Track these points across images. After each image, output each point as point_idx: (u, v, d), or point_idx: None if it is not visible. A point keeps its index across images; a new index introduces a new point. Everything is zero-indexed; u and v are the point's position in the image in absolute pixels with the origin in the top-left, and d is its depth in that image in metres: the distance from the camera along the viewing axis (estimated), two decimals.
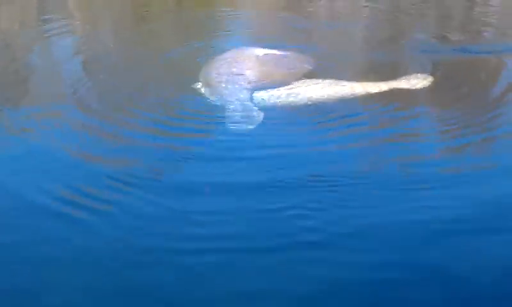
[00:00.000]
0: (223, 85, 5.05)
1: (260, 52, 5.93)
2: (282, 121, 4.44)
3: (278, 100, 4.76)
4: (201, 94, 4.99)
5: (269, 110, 4.54)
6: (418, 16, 8.91)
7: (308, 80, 5.04)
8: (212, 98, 4.88)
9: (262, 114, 4.40)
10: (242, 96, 4.80)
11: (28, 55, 7.13)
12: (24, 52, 7.28)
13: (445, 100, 4.93)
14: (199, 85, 5.16)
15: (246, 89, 4.97)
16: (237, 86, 5.01)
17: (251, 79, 5.21)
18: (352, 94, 4.76)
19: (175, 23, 9.55)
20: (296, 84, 4.99)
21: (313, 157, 3.82)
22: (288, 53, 5.94)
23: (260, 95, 4.85)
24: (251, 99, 4.76)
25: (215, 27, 8.64)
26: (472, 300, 2.67)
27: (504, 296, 2.69)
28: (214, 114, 4.59)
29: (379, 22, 8.74)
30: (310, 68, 5.61)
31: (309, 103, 4.69)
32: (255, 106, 4.59)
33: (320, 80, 5.00)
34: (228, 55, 5.97)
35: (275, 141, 4.11)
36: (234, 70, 5.42)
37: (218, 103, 4.75)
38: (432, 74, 5.41)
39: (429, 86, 5.16)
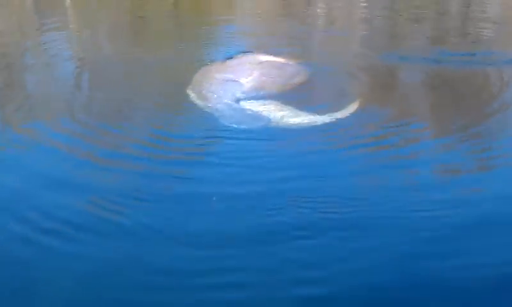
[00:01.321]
0: (217, 95, 4.95)
1: (263, 58, 5.83)
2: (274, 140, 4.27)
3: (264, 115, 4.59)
4: (194, 104, 4.88)
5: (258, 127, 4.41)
6: (413, 23, 8.89)
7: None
8: (204, 107, 4.78)
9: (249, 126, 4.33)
10: (230, 105, 4.71)
11: (18, 60, 7.07)
12: (16, 56, 7.23)
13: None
14: (193, 95, 5.05)
15: (237, 99, 4.87)
16: (229, 96, 4.91)
17: (246, 90, 5.10)
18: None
19: (173, 28, 9.51)
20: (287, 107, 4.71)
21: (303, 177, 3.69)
22: (289, 62, 5.86)
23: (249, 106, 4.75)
24: (241, 110, 4.67)
25: (215, 32, 8.59)
26: None
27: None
28: (203, 129, 4.44)
29: (376, 28, 8.74)
30: (307, 77, 5.56)
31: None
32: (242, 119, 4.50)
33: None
34: (231, 61, 5.90)
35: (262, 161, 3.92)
36: (231, 76, 5.34)
37: (209, 114, 4.64)
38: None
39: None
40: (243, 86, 5.15)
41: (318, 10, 10.21)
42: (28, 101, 5.30)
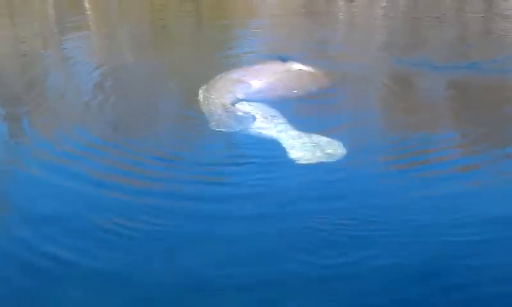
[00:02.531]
0: (217, 99, 4.86)
1: (285, 65, 5.69)
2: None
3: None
4: (197, 109, 4.84)
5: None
6: (434, 29, 8.72)
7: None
8: (203, 112, 4.72)
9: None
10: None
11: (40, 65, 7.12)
12: (37, 62, 7.29)
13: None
14: (201, 98, 5.01)
15: (235, 104, 4.77)
16: (228, 101, 4.81)
17: (251, 96, 4.98)
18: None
19: (195, 32, 9.50)
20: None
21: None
22: (312, 70, 5.70)
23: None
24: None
25: (239, 37, 8.56)
26: None
27: None
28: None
29: (397, 29, 8.63)
30: (330, 87, 5.43)
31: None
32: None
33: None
34: (251, 67, 5.82)
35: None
36: (245, 80, 5.25)
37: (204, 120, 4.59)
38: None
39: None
40: (249, 92, 5.04)
41: (340, 13, 10.11)
42: (48, 106, 5.35)
